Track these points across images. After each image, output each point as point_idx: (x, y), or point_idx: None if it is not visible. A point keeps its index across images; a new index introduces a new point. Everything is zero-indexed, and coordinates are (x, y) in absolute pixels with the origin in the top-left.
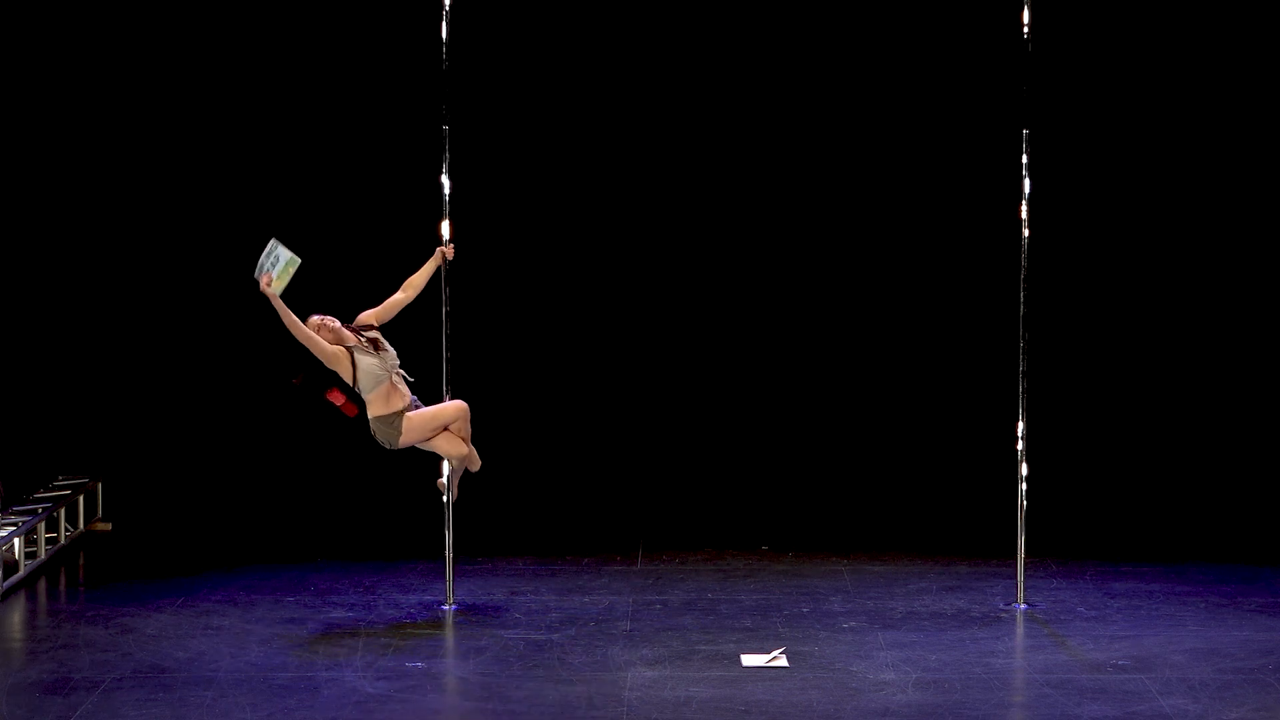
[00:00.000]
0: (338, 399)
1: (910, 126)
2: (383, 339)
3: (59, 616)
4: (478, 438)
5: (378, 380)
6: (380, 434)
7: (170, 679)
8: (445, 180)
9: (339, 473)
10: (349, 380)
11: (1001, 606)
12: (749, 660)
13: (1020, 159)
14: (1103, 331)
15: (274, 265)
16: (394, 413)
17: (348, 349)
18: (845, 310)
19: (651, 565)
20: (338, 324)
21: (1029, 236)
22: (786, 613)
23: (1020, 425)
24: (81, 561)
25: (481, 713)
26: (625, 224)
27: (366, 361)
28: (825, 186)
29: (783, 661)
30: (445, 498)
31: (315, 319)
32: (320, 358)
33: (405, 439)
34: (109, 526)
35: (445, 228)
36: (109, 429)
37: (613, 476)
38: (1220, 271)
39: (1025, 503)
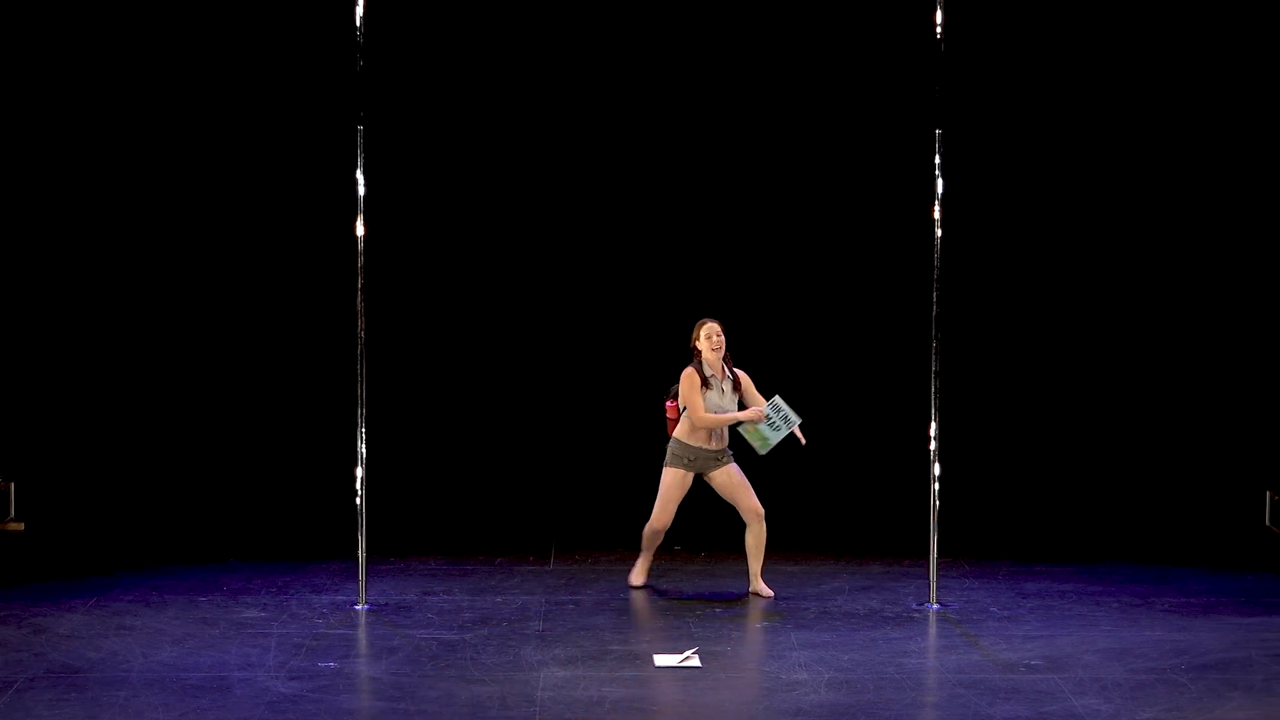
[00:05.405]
0: (672, 412)
1: (824, 128)
2: (736, 386)
3: None
4: (400, 439)
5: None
6: (672, 450)
7: (83, 679)
8: (360, 179)
9: (252, 472)
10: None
11: (914, 606)
12: (662, 660)
13: (933, 159)
14: (1015, 332)
15: (783, 424)
16: (691, 445)
17: (705, 378)
18: (755, 309)
19: (564, 565)
20: (721, 337)
21: (941, 237)
22: (699, 613)
23: (933, 425)
24: None
25: (394, 713)
26: (530, 226)
27: (710, 395)
28: (734, 187)
29: (695, 662)
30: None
31: (712, 325)
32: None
33: (665, 468)
34: (21, 526)
35: (359, 227)
36: (20, 429)
37: (525, 476)
38: (1133, 272)
39: (938, 503)
